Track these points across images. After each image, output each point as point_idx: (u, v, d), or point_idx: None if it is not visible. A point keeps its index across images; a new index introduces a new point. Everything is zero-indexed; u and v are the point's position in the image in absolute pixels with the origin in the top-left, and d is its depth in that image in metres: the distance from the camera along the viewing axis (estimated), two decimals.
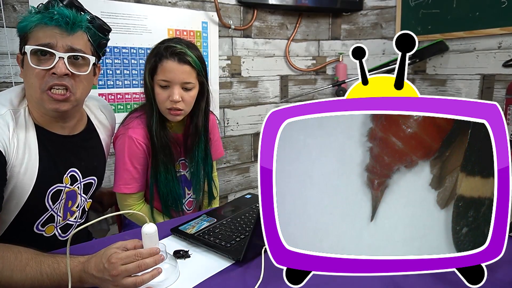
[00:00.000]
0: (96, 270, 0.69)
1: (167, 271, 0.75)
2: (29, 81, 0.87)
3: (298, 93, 2.31)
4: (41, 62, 0.85)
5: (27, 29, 0.86)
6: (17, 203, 0.90)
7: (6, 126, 0.85)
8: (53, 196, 0.96)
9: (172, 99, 1.09)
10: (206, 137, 1.25)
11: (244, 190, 2.26)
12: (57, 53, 0.84)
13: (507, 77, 1.74)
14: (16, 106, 0.89)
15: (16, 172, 0.87)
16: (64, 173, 0.98)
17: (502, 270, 0.74)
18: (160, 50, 1.10)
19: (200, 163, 1.25)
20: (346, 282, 0.72)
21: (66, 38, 0.86)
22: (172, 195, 1.19)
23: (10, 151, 0.85)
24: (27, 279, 0.71)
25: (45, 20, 0.84)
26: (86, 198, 1.07)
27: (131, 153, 1.14)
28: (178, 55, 1.09)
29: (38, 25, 0.85)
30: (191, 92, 1.13)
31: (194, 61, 1.11)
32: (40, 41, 0.84)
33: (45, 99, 0.87)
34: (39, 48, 0.84)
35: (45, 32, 0.85)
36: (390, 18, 2.18)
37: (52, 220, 0.98)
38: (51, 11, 0.84)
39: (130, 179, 1.15)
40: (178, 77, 1.09)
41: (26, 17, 0.86)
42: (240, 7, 2.02)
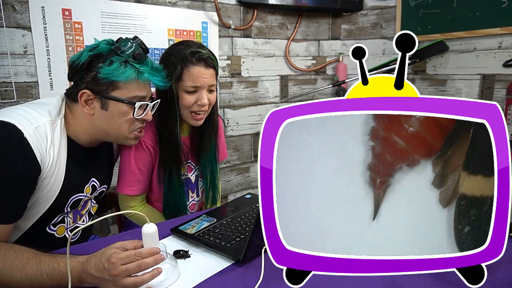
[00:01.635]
0: (96, 270, 0.69)
1: (167, 271, 0.75)
2: (117, 121, 0.95)
3: (298, 93, 2.31)
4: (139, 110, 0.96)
5: (122, 79, 0.91)
6: (37, 211, 0.90)
7: (45, 137, 0.86)
8: (73, 205, 0.98)
9: (201, 103, 1.11)
10: (216, 135, 1.27)
11: (244, 190, 2.26)
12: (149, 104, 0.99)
13: (507, 77, 1.74)
14: (53, 118, 0.91)
15: (46, 183, 0.88)
16: (86, 183, 1.01)
17: (502, 270, 0.74)
18: (185, 56, 1.09)
19: (213, 161, 1.27)
20: (346, 282, 0.72)
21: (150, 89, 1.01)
22: (177, 199, 1.19)
23: (46, 162, 0.86)
24: (27, 278, 0.71)
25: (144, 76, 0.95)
26: (95, 203, 1.10)
27: (138, 156, 1.14)
28: (205, 60, 1.10)
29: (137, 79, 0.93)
30: (214, 94, 1.16)
31: (216, 64, 1.14)
32: (142, 93, 0.96)
33: (130, 137, 1.00)
34: None
35: (140, 85, 0.95)
36: (390, 18, 2.18)
37: (63, 222, 1.00)
38: (146, 67, 0.95)
39: (134, 181, 1.15)
40: (206, 82, 1.11)
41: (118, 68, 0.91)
42: (240, 7, 2.02)
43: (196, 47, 1.12)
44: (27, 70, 1.49)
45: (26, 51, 1.48)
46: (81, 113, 0.94)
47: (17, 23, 1.44)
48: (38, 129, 0.85)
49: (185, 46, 1.12)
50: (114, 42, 0.93)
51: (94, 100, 0.92)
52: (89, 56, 0.89)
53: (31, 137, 0.83)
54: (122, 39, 0.93)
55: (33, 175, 0.84)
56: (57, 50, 1.54)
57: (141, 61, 0.93)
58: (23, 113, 0.86)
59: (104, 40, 0.93)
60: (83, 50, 0.92)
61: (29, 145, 0.82)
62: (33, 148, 0.83)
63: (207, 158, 1.25)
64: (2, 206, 0.79)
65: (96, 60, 0.89)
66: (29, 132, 0.83)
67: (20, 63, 1.48)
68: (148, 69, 0.94)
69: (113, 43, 0.93)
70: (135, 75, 0.91)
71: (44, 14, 1.48)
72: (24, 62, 1.48)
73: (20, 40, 1.46)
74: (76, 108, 0.94)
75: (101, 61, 0.89)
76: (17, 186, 0.81)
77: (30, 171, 0.83)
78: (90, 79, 0.90)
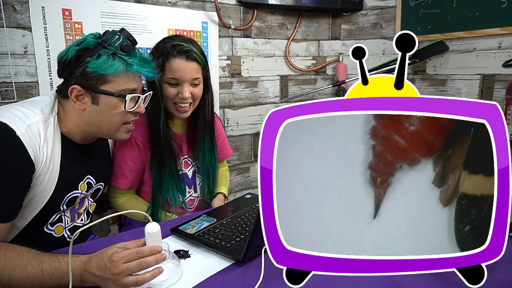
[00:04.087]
0: (97, 269, 0.69)
1: (170, 270, 0.75)
2: (108, 115, 0.93)
3: (298, 93, 2.31)
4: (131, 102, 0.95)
5: (111, 72, 0.90)
6: (33, 210, 0.90)
7: (38, 135, 0.86)
8: (68, 202, 0.98)
9: (182, 96, 1.11)
10: (212, 129, 1.27)
11: (244, 190, 2.26)
12: (141, 96, 0.98)
13: (507, 77, 1.74)
14: (46, 115, 0.90)
15: (40, 181, 0.88)
16: (81, 180, 1.01)
17: (502, 270, 0.74)
18: (166, 49, 1.10)
19: (207, 155, 1.27)
20: (346, 282, 0.72)
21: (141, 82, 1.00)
22: (166, 192, 1.20)
23: (39, 160, 0.86)
24: (28, 278, 0.71)
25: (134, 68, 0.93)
26: (92, 201, 1.10)
27: (126, 151, 1.16)
28: (186, 53, 1.10)
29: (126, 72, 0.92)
30: (198, 87, 1.16)
31: (200, 57, 1.13)
32: (132, 85, 0.94)
33: (121, 130, 0.98)
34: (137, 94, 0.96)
35: (129, 77, 0.94)
36: (390, 18, 2.18)
37: (61, 221, 0.99)
38: (135, 58, 0.93)
39: (121, 174, 1.17)
40: (187, 75, 1.11)
41: (107, 60, 0.89)
42: (240, 7, 2.02)
43: (179, 40, 1.12)
44: (27, 70, 1.49)
45: (26, 51, 1.48)
46: (72, 109, 0.93)
47: (17, 23, 1.44)
48: (30, 127, 0.85)
49: (170, 39, 1.14)
50: (101, 35, 0.92)
51: (84, 95, 0.91)
52: (76, 51, 0.88)
53: (24, 135, 0.82)
54: (108, 32, 0.92)
55: (27, 173, 0.84)
56: (57, 50, 1.51)
57: (129, 53, 0.92)
58: (15, 112, 0.85)
59: (91, 33, 0.92)
60: (70, 45, 0.91)
61: (22, 144, 0.82)
62: (26, 146, 0.82)
63: (200, 152, 1.26)
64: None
65: (84, 55, 0.88)
66: (21, 131, 0.82)
67: (20, 63, 1.48)
68: (137, 60, 0.93)
69: (100, 36, 0.92)
70: (123, 67, 0.90)
71: (44, 14, 1.48)
72: (24, 62, 1.48)
73: (20, 40, 1.46)
74: (68, 104, 0.93)
75: (88, 55, 0.88)
76: (12, 185, 0.81)
77: (24, 169, 0.83)
78: (79, 74, 0.89)
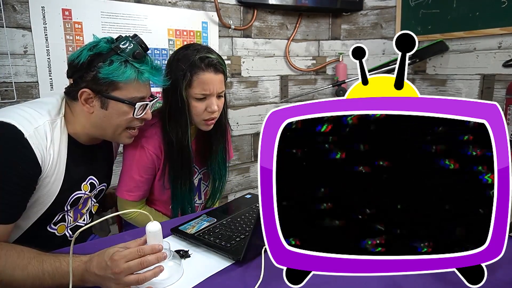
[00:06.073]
0: (98, 269, 0.69)
1: (171, 269, 0.75)
2: (115, 120, 0.95)
3: (298, 93, 2.31)
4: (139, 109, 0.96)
5: (122, 79, 0.91)
6: (38, 210, 0.90)
7: (44, 137, 0.86)
8: (72, 202, 0.98)
9: (211, 110, 1.08)
10: (225, 138, 1.25)
11: (244, 190, 2.26)
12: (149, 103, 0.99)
13: (507, 77, 1.74)
14: (53, 117, 0.91)
15: (46, 183, 0.88)
16: (84, 180, 1.01)
17: (502, 270, 0.74)
18: (194, 62, 1.05)
19: (221, 164, 1.26)
20: (346, 282, 0.72)
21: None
22: (185, 203, 1.19)
23: (46, 162, 0.86)
24: (28, 278, 0.71)
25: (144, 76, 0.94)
26: (95, 202, 1.10)
27: (140, 163, 1.12)
28: (215, 66, 1.07)
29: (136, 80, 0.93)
30: (222, 99, 1.13)
31: (225, 68, 1.11)
32: (142, 93, 0.95)
33: (124, 135, 1.00)
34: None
35: (140, 85, 0.95)
36: (390, 18, 2.18)
37: (64, 220, 1.00)
38: (146, 66, 0.94)
39: (134, 187, 1.14)
40: (216, 88, 1.08)
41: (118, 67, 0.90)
42: (240, 7, 2.02)
43: (204, 51, 1.08)
44: (27, 70, 1.49)
45: (26, 51, 1.48)
46: (80, 111, 0.94)
47: (17, 23, 1.44)
48: (38, 129, 0.85)
49: (192, 51, 1.08)
50: (114, 41, 0.93)
51: (94, 99, 0.91)
52: (89, 56, 0.89)
53: (31, 137, 0.83)
54: (121, 37, 0.93)
55: (33, 176, 0.84)
56: (57, 50, 1.54)
57: (141, 61, 0.93)
58: (22, 113, 0.86)
59: (104, 38, 0.93)
60: (82, 48, 0.91)
61: (29, 146, 0.82)
62: (34, 148, 0.83)
63: (216, 162, 1.24)
64: (2, 206, 0.79)
65: (96, 59, 0.89)
66: (29, 133, 0.83)
67: (20, 63, 1.48)
68: (148, 68, 0.94)
69: (113, 41, 0.92)
70: (135, 75, 0.91)
71: (44, 14, 1.48)
72: (24, 62, 1.48)
73: (20, 40, 1.46)
74: (76, 106, 0.94)
75: (101, 61, 0.89)
76: (18, 187, 0.81)
77: (30, 172, 0.83)
78: (90, 79, 0.90)
